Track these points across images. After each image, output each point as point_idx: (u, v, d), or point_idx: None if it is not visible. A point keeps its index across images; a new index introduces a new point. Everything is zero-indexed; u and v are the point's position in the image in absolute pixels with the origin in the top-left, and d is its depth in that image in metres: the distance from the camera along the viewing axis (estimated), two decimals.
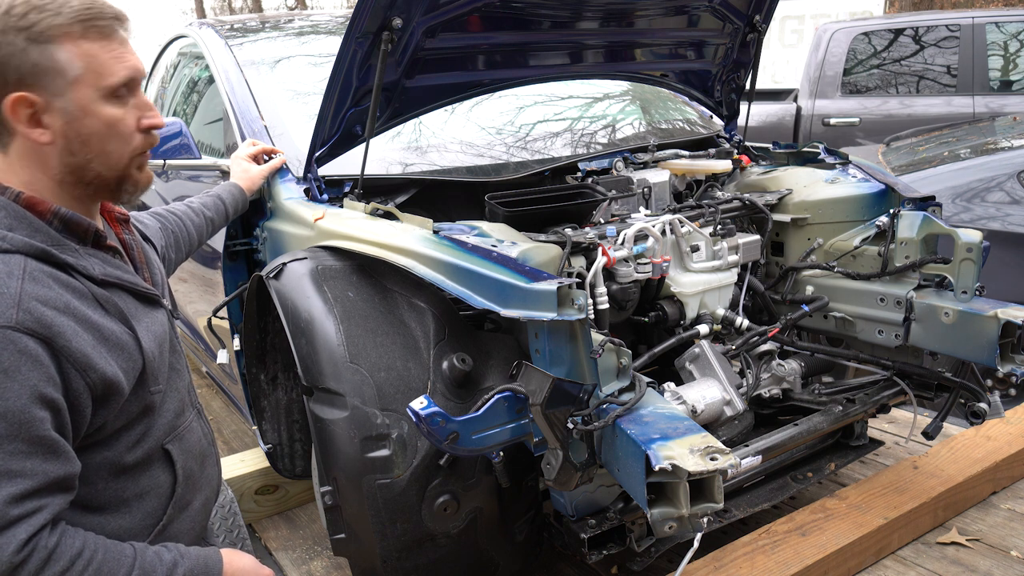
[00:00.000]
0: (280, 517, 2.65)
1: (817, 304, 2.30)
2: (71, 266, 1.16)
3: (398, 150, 2.42)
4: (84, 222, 1.21)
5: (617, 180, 2.38)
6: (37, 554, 1.03)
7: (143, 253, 1.41)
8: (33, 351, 1.06)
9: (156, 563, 1.17)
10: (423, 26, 2.01)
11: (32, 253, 1.12)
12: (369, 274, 1.80)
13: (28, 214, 1.15)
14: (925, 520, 2.28)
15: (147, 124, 1.22)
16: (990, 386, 2.17)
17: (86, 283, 1.17)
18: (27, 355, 1.05)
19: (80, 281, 1.17)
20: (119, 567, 1.12)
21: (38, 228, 1.15)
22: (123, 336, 1.20)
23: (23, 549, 1.02)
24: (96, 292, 1.18)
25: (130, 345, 1.21)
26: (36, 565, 1.03)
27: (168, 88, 3.56)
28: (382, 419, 1.60)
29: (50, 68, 1.11)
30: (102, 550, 1.12)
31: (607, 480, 1.72)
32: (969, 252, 2.05)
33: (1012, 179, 3.51)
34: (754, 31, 2.65)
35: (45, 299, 1.09)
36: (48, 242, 1.15)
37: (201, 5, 24.55)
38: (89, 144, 1.17)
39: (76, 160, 1.17)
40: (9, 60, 1.09)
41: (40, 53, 1.10)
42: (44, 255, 1.13)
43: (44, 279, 1.11)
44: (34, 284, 1.09)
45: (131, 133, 1.21)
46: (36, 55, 1.10)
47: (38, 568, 1.03)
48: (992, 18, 5.58)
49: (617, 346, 1.60)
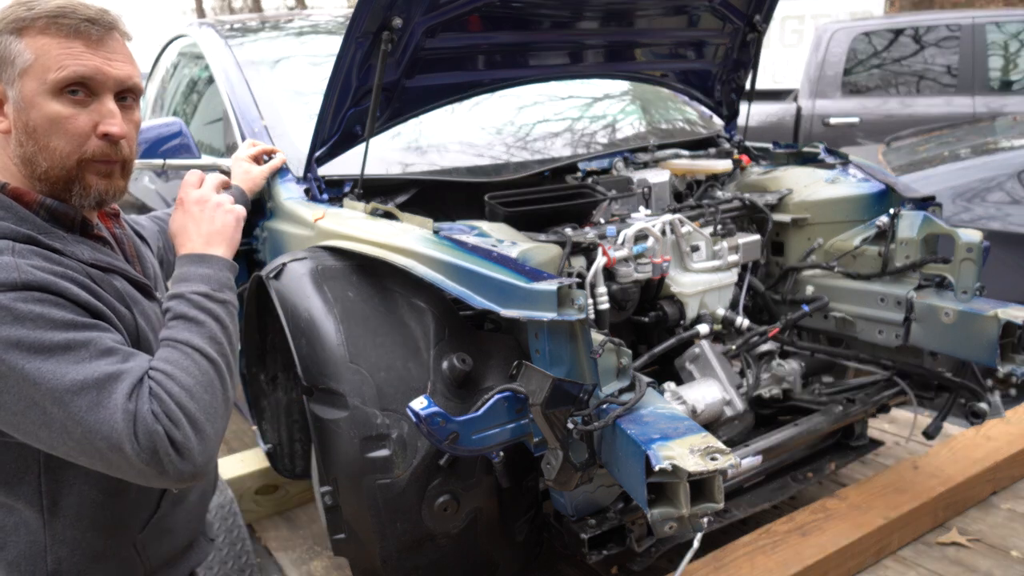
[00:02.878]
0: (280, 517, 2.65)
1: (817, 304, 2.30)
2: (59, 251, 1.17)
3: (398, 150, 2.42)
4: (71, 211, 1.22)
5: (617, 180, 2.38)
6: (161, 419, 1.07)
7: (135, 248, 1.41)
8: (51, 299, 1.08)
9: (179, 324, 1.19)
10: (423, 26, 2.01)
11: (19, 239, 1.13)
12: (369, 274, 1.80)
13: (14, 204, 1.17)
14: (925, 520, 2.28)
15: (102, 131, 1.20)
16: (990, 386, 2.17)
17: (78, 263, 1.18)
18: (46, 302, 1.07)
19: (71, 261, 1.18)
20: (183, 358, 1.15)
21: (24, 217, 1.16)
22: (121, 309, 1.21)
23: (157, 422, 1.06)
24: (90, 272, 1.19)
25: (127, 317, 1.22)
26: (167, 424, 1.07)
27: (168, 88, 3.56)
28: (382, 419, 1.60)
29: (4, 57, 1.15)
30: (163, 372, 1.12)
31: (607, 480, 1.72)
32: (969, 252, 2.05)
33: (1012, 179, 3.51)
34: (754, 31, 2.65)
35: (41, 267, 1.11)
36: (35, 230, 1.16)
37: (201, 5, 24.55)
38: (34, 137, 1.17)
39: (24, 151, 1.18)
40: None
41: (4, 44, 1.15)
42: (31, 241, 1.14)
43: (34, 257, 1.12)
44: (25, 259, 1.10)
45: (81, 134, 1.18)
46: (2, 46, 1.15)
47: (168, 427, 1.07)
48: (992, 18, 5.58)
49: (617, 346, 1.60)
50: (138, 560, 1.29)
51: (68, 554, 1.21)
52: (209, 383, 1.14)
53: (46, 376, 1.04)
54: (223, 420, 1.16)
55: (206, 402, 1.12)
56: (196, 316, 1.19)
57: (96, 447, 1.04)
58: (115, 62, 1.20)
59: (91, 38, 1.17)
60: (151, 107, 3.92)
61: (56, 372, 1.04)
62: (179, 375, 1.11)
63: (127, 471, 1.07)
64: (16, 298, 1.05)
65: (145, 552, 1.30)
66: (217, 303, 1.23)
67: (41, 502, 1.19)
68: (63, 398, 1.04)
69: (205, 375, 1.14)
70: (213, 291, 1.24)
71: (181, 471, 1.07)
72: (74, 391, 1.04)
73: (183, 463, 1.06)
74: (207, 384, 1.14)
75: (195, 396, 1.11)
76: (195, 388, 1.11)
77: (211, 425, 1.11)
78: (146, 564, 1.30)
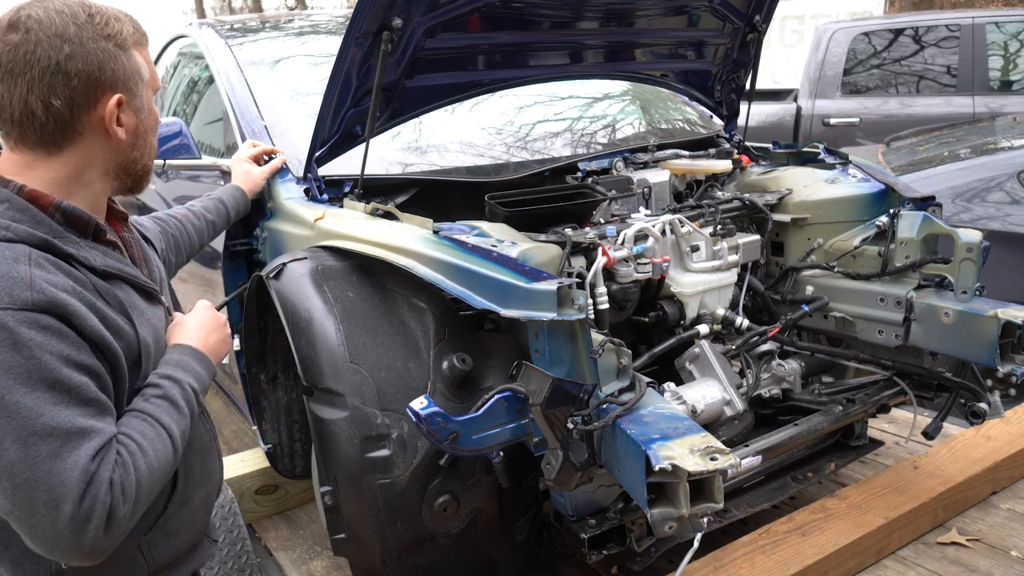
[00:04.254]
0: (280, 517, 2.65)
1: (817, 304, 2.30)
2: (73, 256, 1.19)
3: (398, 150, 2.42)
4: (85, 215, 1.24)
5: (617, 180, 2.38)
6: (115, 489, 1.09)
7: (142, 251, 1.43)
8: (56, 326, 1.10)
9: (166, 405, 1.23)
10: (423, 26, 2.01)
11: (35, 243, 1.15)
12: (369, 274, 1.80)
13: (31, 207, 1.18)
14: (925, 520, 2.28)
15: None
16: (990, 386, 2.17)
17: (87, 273, 1.20)
18: (51, 330, 1.09)
19: (81, 272, 1.19)
20: (157, 439, 1.18)
21: (40, 220, 1.18)
22: (123, 326, 1.22)
23: (110, 492, 1.08)
24: (97, 283, 1.21)
25: (129, 335, 1.23)
26: (117, 497, 1.09)
27: (168, 88, 3.56)
28: (382, 419, 1.60)
29: (134, 71, 1.26)
30: (138, 445, 1.15)
31: (607, 480, 1.72)
32: (969, 252, 2.05)
33: (1012, 179, 3.51)
34: (754, 31, 2.65)
35: (53, 283, 1.12)
36: (50, 233, 1.18)
37: (201, 5, 24.55)
38: (144, 138, 1.31)
39: (129, 155, 1.29)
40: (105, 64, 1.21)
41: (127, 58, 1.25)
42: (46, 245, 1.16)
43: (48, 266, 1.14)
44: (41, 270, 1.12)
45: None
46: (124, 60, 1.24)
47: (116, 499, 1.09)
48: (992, 18, 5.58)
49: (617, 346, 1.60)
50: (142, 560, 1.29)
51: None
52: (164, 472, 1.19)
53: (21, 412, 1.04)
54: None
55: (155, 487, 1.17)
56: (182, 407, 1.25)
57: (31, 497, 1.04)
58: None
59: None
60: None
61: (32, 410, 1.04)
62: (150, 454, 1.15)
63: (41, 531, 1.05)
64: (23, 320, 1.06)
65: (150, 553, 1.30)
66: (198, 403, 1.31)
67: None
68: (28, 439, 1.04)
69: (166, 463, 1.19)
70: (200, 391, 1.32)
71: (95, 547, 1.07)
72: (41, 436, 1.04)
73: (103, 539, 1.07)
74: (163, 472, 1.18)
75: (152, 480, 1.15)
76: (156, 472, 1.16)
77: (142, 510, 1.15)
78: (150, 565, 1.30)
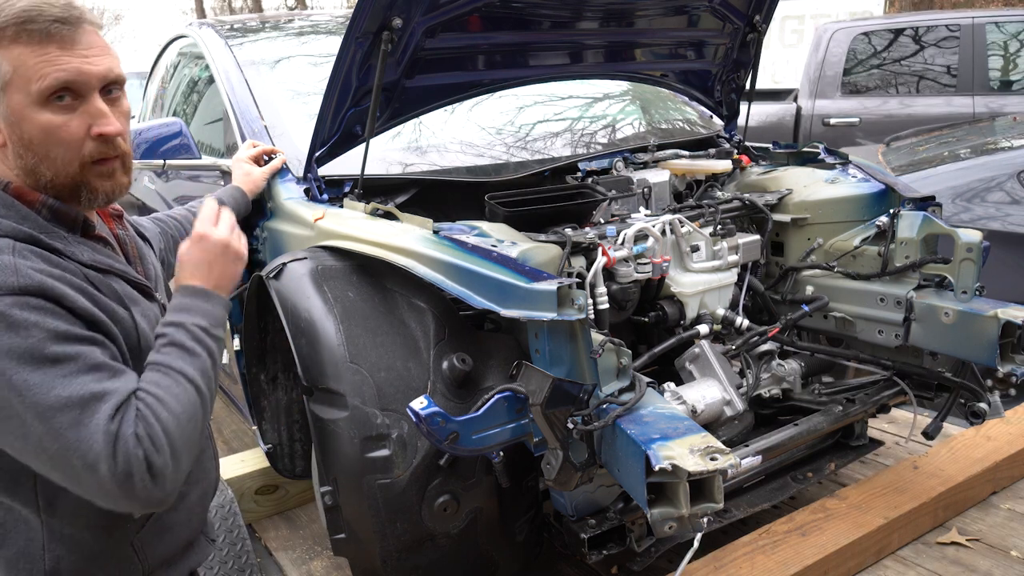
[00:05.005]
0: (280, 517, 2.65)
1: (817, 304, 2.30)
2: (60, 251, 1.17)
3: (398, 150, 2.42)
4: (72, 211, 1.22)
5: (617, 180, 2.38)
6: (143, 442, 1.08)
7: (137, 249, 1.41)
8: (47, 306, 1.08)
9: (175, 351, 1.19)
10: (423, 26, 2.01)
11: (20, 238, 1.13)
12: (369, 274, 1.80)
13: (16, 202, 1.16)
14: (925, 520, 2.28)
15: (96, 132, 1.18)
16: (990, 386, 2.16)
17: (77, 265, 1.18)
18: (43, 309, 1.07)
19: (70, 263, 1.17)
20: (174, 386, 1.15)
21: (26, 216, 1.16)
22: (119, 311, 1.21)
23: (139, 444, 1.07)
24: (89, 274, 1.19)
25: (126, 320, 1.22)
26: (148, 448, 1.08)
27: (168, 88, 3.56)
28: (382, 419, 1.60)
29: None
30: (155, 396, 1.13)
31: (607, 480, 1.72)
32: (969, 252, 2.05)
33: (1012, 179, 3.51)
34: (754, 31, 2.65)
35: (39, 270, 1.10)
36: (37, 229, 1.16)
37: (201, 5, 24.56)
38: (31, 148, 1.15)
39: (25, 163, 1.17)
40: None
41: None
42: (32, 240, 1.14)
43: (33, 257, 1.12)
44: (24, 259, 1.10)
45: (77, 140, 1.17)
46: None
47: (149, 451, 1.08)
48: (992, 18, 5.58)
49: (617, 346, 1.60)
50: (136, 560, 1.29)
51: (66, 552, 1.21)
52: (194, 415, 1.16)
53: (32, 389, 1.04)
54: (196, 452, 1.18)
55: (188, 433, 1.14)
56: (193, 348, 1.20)
57: (70, 464, 1.04)
58: (93, 58, 1.16)
59: (64, 38, 1.13)
60: (151, 107, 3.92)
61: (42, 385, 1.04)
62: (170, 402, 1.13)
63: (95, 492, 1.07)
64: (13, 303, 1.05)
65: (143, 552, 1.30)
66: (212, 339, 1.24)
67: (37, 501, 1.19)
68: (45, 413, 1.04)
69: (192, 406, 1.16)
70: (211, 326, 1.25)
71: (151, 496, 1.07)
72: (57, 408, 1.04)
73: (155, 488, 1.07)
74: (192, 415, 1.15)
75: (181, 425, 1.12)
76: (182, 417, 1.13)
77: (187, 456, 1.14)
78: (144, 564, 1.30)
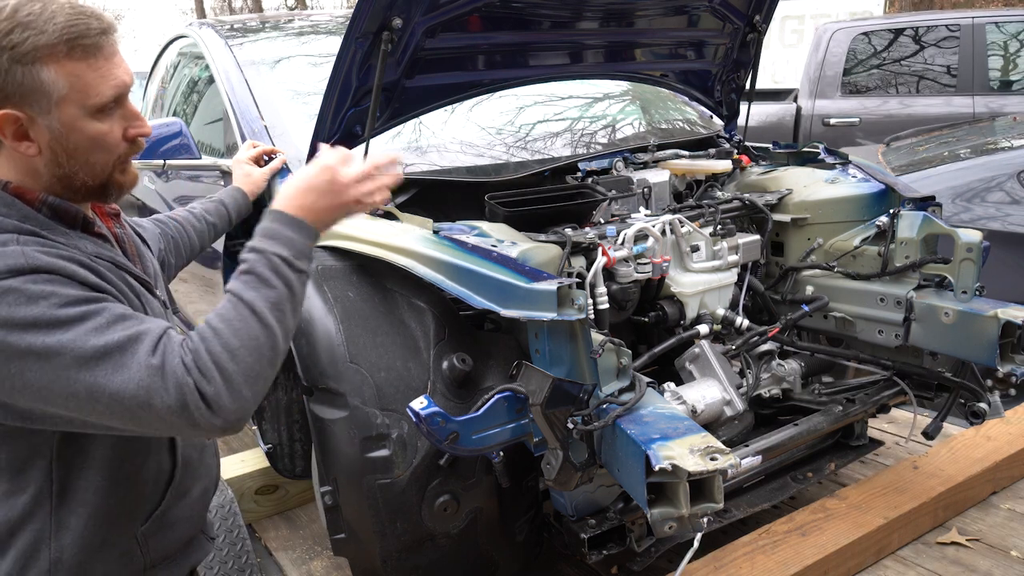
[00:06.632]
0: (280, 517, 2.65)
1: (817, 304, 2.30)
2: (63, 245, 1.18)
3: (398, 150, 2.42)
4: (72, 208, 1.23)
5: (617, 180, 2.38)
6: (192, 371, 1.08)
7: (135, 247, 1.42)
8: (60, 279, 1.09)
9: (252, 279, 1.17)
10: (423, 26, 2.01)
11: (23, 233, 1.15)
12: (369, 274, 1.80)
13: (17, 201, 1.18)
14: (925, 520, 2.28)
15: (133, 134, 1.23)
16: (990, 386, 2.17)
17: (83, 254, 1.20)
18: (55, 282, 1.08)
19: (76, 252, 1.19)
20: (236, 318, 1.13)
21: (27, 215, 1.18)
22: (128, 293, 1.23)
23: (188, 374, 1.07)
24: (95, 260, 1.21)
25: (135, 302, 1.24)
26: (197, 376, 1.08)
27: (168, 88, 3.56)
28: (382, 419, 1.60)
29: (35, 88, 1.12)
30: (212, 328, 1.12)
31: (607, 480, 1.72)
32: (969, 252, 2.05)
33: (1012, 179, 3.51)
34: (754, 31, 2.65)
35: (47, 252, 1.12)
36: (39, 226, 1.18)
37: (201, 5, 24.55)
38: (75, 157, 1.19)
39: (64, 171, 1.19)
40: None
41: (25, 74, 1.11)
42: (36, 235, 1.16)
43: (38, 246, 1.14)
44: (29, 247, 1.12)
45: (117, 143, 1.22)
46: (20, 75, 1.11)
47: (198, 380, 1.08)
48: (992, 18, 5.58)
49: (617, 346, 1.60)
50: (139, 553, 1.30)
51: (70, 543, 1.23)
52: (256, 347, 1.12)
53: (67, 346, 1.05)
54: (265, 383, 1.15)
55: (248, 364, 1.11)
56: (269, 278, 1.18)
57: (126, 408, 1.06)
58: (124, 65, 1.21)
59: (105, 49, 1.17)
60: (151, 107, 3.92)
61: (76, 341, 1.06)
62: (226, 334, 1.11)
63: (159, 426, 1.09)
64: (26, 280, 1.07)
65: (146, 545, 1.31)
66: (294, 271, 1.21)
67: (51, 488, 1.20)
68: (87, 364, 1.05)
69: (254, 339, 1.13)
70: (293, 258, 1.21)
71: (212, 424, 1.08)
72: (97, 357, 1.06)
73: (213, 417, 1.07)
74: (253, 348, 1.12)
75: (237, 357, 1.10)
76: (239, 350, 1.11)
77: (249, 387, 1.11)
78: (146, 557, 1.31)
